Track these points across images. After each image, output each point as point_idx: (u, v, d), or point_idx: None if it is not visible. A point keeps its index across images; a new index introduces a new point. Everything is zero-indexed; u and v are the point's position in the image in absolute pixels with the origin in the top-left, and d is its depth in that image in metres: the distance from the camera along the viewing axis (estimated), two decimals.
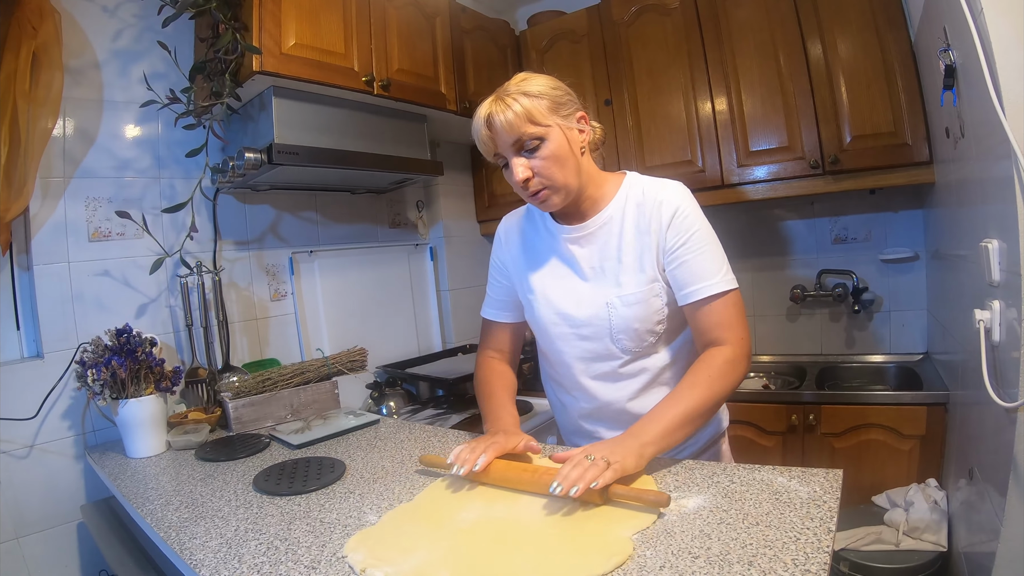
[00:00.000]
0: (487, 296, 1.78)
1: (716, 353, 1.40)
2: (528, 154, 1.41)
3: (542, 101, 1.40)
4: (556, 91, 1.44)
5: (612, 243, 1.51)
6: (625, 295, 1.48)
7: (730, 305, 1.42)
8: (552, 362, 1.66)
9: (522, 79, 1.45)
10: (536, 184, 1.42)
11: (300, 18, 2.20)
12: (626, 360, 1.52)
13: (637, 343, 1.50)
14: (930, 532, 2.12)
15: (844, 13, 2.58)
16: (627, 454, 1.21)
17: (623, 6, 3.13)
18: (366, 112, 2.54)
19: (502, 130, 1.38)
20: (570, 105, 1.46)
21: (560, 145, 1.41)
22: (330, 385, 2.27)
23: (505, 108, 1.38)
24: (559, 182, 1.42)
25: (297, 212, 2.82)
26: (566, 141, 1.43)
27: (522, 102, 1.38)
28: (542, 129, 1.39)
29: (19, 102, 1.85)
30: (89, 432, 2.09)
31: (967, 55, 1.52)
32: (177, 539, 1.24)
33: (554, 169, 1.41)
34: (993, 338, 1.46)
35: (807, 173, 2.71)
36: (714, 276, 1.42)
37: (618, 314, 1.48)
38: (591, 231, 1.53)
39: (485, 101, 1.43)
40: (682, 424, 1.31)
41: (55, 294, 2.06)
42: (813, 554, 0.90)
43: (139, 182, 2.27)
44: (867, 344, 3.09)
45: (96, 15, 2.17)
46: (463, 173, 3.68)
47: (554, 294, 1.58)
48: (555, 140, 1.40)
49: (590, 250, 1.54)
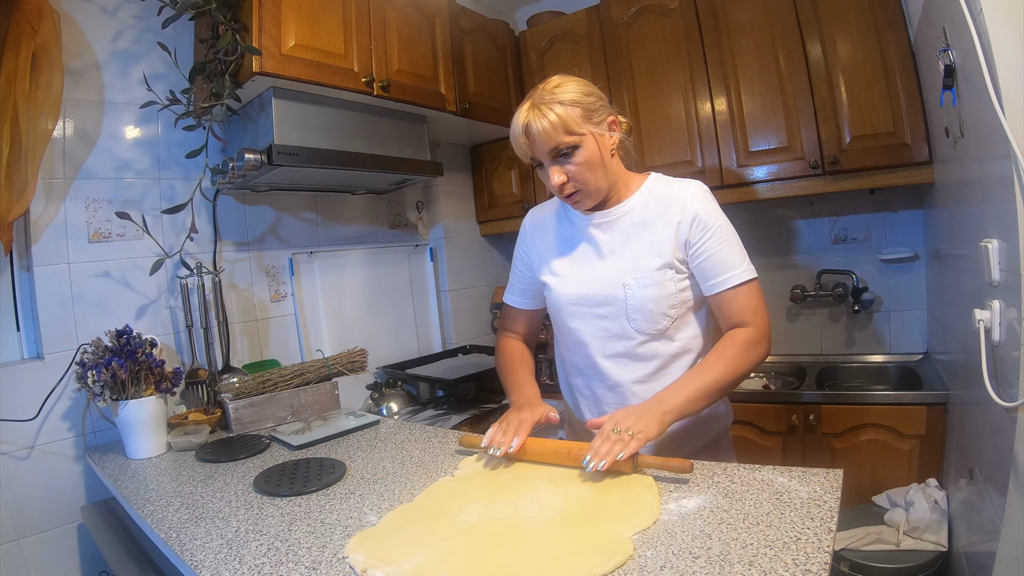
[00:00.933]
0: (510, 283, 1.90)
1: (740, 333, 1.52)
2: (563, 160, 1.51)
3: (576, 110, 1.48)
4: (589, 98, 1.52)
5: (633, 230, 1.61)
6: (641, 277, 1.56)
7: (753, 292, 1.55)
8: (570, 343, 1.73)
9: (556, 85, 1.52)
10: (570, 188, 1.53)
11: (300, 19, 2.20)
12: (641, 341, 1.60)
13: (651, 324, 1.58)
14: (930, 532, 2.12)
15: (843, 13, 2.58)
16: (650, 422, 1.33)
17: (622, 7, 3.12)
18: (366, 113, 2.54)
19: (539, 138, 1.48)
20: (602, 111, 1.54)
21: (592, 152, 1.51)
22: (330, 386, 2.27)
23: (541, 117, 1.46)
24: (591, 186, 1.54)
25: (297, 213, 2.82)
26: (598, 148, 1.52)
27: (557, 111, 1.46)
28: (576, 138, 1.48)
29: (19, 103, 1.85)
30: (89, 433, 2.09)
31: (966, 55, 1.52)
32: (178, 540, 1.24)
33: (587, 174, 1.51)
34: (993, 338, 1.46)
35: (807, 173, 2.70)
36: (738, 267, 1.54)
37: (634, 294, 1.56)
38: (613, 218, 1.63)
39: (522, 108, 1.52)
40: (704, 395, 1.44)
41: (55, 295, 2.06)
42: (814, 554, 0.90)
43: (139, 183, 2.28)
44: (867, 344, 3.09)
45: (96, 16, 2.18)
46: (463, 174, 3.68)
47: (575, 274, 1.67)
48: (588, 147, 1.50)
49: (611, 235, 1.63)
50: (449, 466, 1.53)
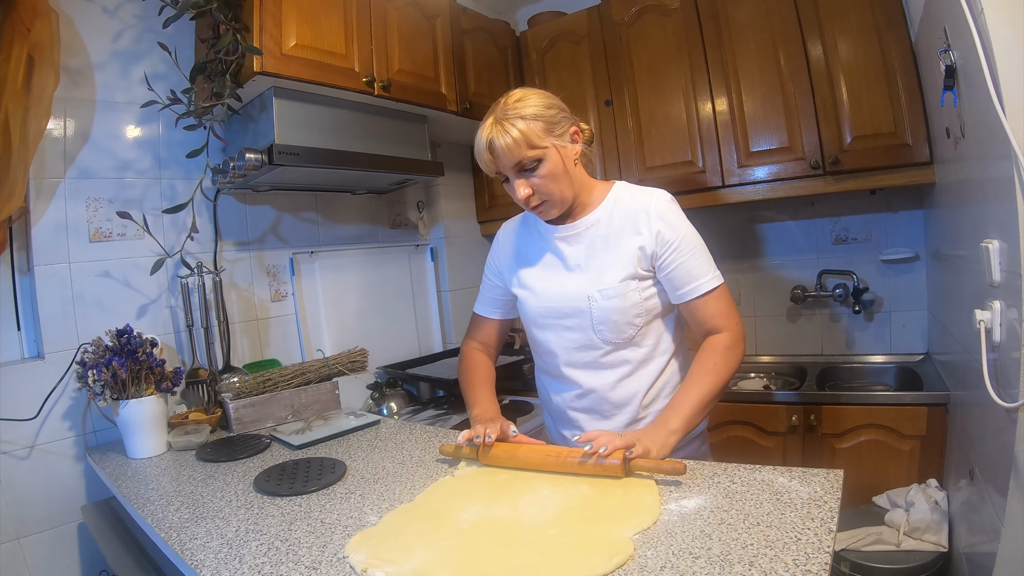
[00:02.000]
0: (480, 294, 1.93)
1: (717, 340, 1.57)
2: (528, 173, 1.53)
3: (537, 123, 1.50)
4: (550, 111, 1.54)
5: (597, 243, 1.64)
6: (604, 289, 1.59)
7: (722, 297, 1.59)
8: (540, 352, 1.78)
9: (517, 99, 1.54)
10: (536, 200, 1.57)
11: (301, 19, 2.20)
12: (607, 350, 1.64)
13: (616, 334, 1.61)
14: (931, 532, 2.12)
15: (844, 13, 2.58)
16: (652, 442, 1.37)
17: (623, 7, 3.12)
18: (366, 113, 2.54)
19: (503, 154, 1.50)
20: (564, 123, 1.56)
21: (556, 164, 1.53)
22: (331, 386, 2.28)
23: (504, 133, 1.48)
24: (556, 196, 1.57)
25: (298, 213, 2.82)
26: (561, 159, 1.54)
27: (519, 126, 1.48)
28: (539, 151, 1.51)
29: (9, 103, 1.84)
30: (90, 433, 2.09)
31: (967, 55, 1.52)
32: (178, 540, 1.24)
33: (551, 186, 1.54)
34: (994, 338, 1.46)
35: (807, 173, 2.70)
36: (705, 275, 1.57)
37: (598, 306, 1.60)
38: (579, 231, 1.66)
39: (486, 123, 1.54)
40: (700, 410, 1.49)
41: (56, 295, 2.06)
42: (814, 554, 0.90)
43: (140, 183, 2.28)
44: (867, 344, 3.09)
45: (96, 16, 2.18)
46: (464, 174, 3.68)
47: (542, 287, 1.71)
48: (551, 160, 1.53)
49: (576, 248, 1.66)
50: (449, 466, 1.53)
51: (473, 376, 1.84)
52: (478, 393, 1.78)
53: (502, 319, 1.91)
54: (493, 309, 1.90)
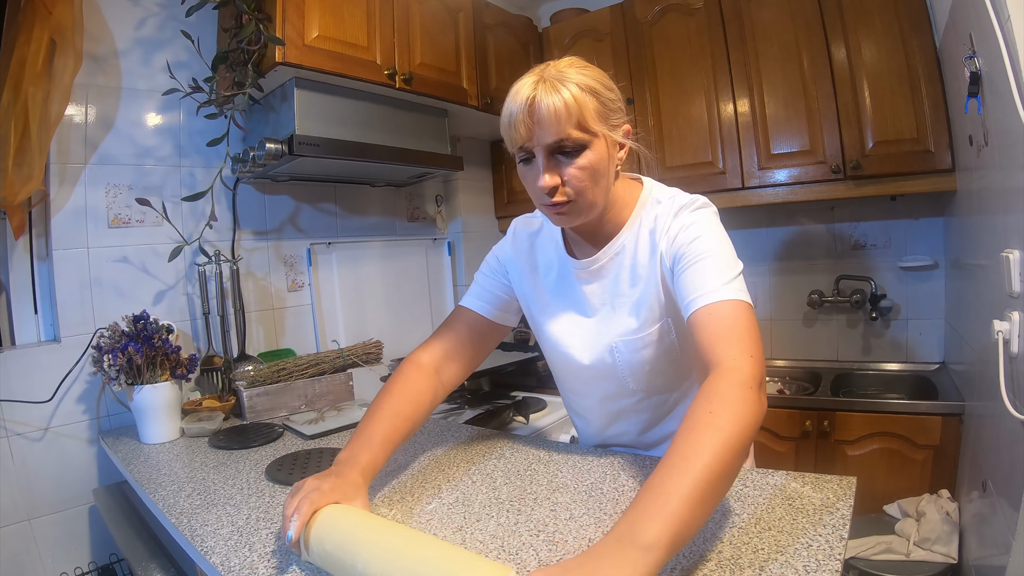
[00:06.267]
0: (472, 285, 1.57)
1: (713, 383, 0.99)
2: (563, 157, 1.17)
3: (592, 100, 1.16)
4: (610, 92, 1.21)
5: (623, 276, 1.32)
6: (630, 339, 1.30)
7: (730, 316, 1.07)
8: (566, 389, 1.54)
9: (570, 63, 1.19)
10: (562, 195, 1.19)
11: (323, 10, 2.20)
12: (642, 397, 1.39)
13: (650, 382, 1.35)
14: (941, 543, 2.10)
15: (869, 17, 2.56)
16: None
17: (647, 5, 3.11)
18: (387, 105, 2.54)
19: (547, 119, 1.13)
20: (620, 115, 1.24)
21: (600, 158, 1.18)
22: (345, 377, 2.28)
23: (553, 92, 1.13)
24: (587, 199, 1.20)
25: (316, 203, 2.83)
26: (607, 156, 1.21)
27: (573, 91, 1.13)
28: (587, 136, 1.16)
29: (29, 86, 1.85)
30: (104, 417, 2.11)
31: (992, 63, 1.51)
32: (188, 525, 1.24)
33: (587, 184, 1.18)
34: (1012, 349, 1.44)
35: (828, 177, 2.69)
36: (714, 286, 1.11)
37: (624, 359, 1.33)
38: (601, 263, 1.33)
39: (524, 81, 1.18)
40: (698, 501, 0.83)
41: (73, 279, 2.08)
42: (825, 561, 0.90)
43: (159, 170, 2.29)
44: (883, 352, 3.07)
45: (120, 3, 2.19)
46: (483, 169, 3.69)
47: (561, 334, 1.42)
48: (597, 152, 1.18)
49: (600, 284, 1.35)
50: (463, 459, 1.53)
51: (384, 402, 1.32)
52: (369, 428, 1.26)
53: (492, 320, 1.50)
54: (486, 305, 1.50)
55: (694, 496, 0.82)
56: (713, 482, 0.85)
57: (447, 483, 1.37)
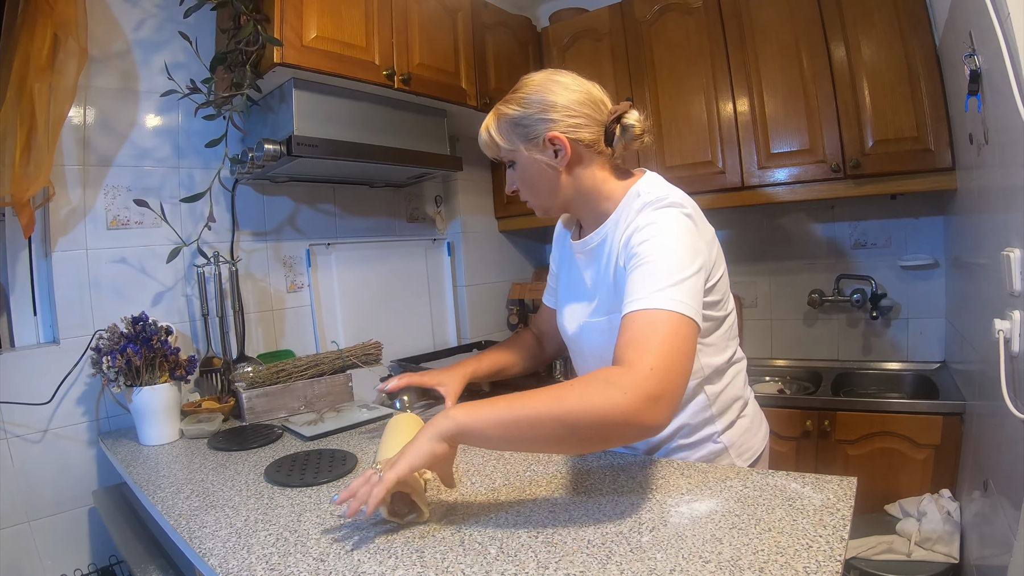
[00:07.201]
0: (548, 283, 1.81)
1: (605, 370, 1.05)
2: (511, 168, 1.44)
3: (506, 123, 1.38)
4: (528, 109, 1.34)
5: (602, 262, 1.39)
6: (592, 322, 1.42)
7: (648, 325, 1.08)
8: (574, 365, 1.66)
9: (516, 87, 1.41)
10: (520, 196, 1.47)
11: (322, 11, 2.20)
12: None
13: None
14: (942, 543, 2.10)
15: (868, 16, 2.56)
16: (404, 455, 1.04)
17: (646, 5, 3.11)
18: (386, 106, 2.54)
19: (484, 147, 1.45)
20: (538, 126, 1.33)
21: (526, 168, 1.39)
22: (344, 378, 2.28)
23: (485, 125, 1.42)
24: (534, 201, 1.45)
25: (315, 204, 2.83)
26: (533, 166, 1.37)
27: (490, 123, 1.41)
28: (510, 153, 1.39)
29: (35, 82, 1.85)
30: (103, 418, 2.11)
31: (992, 61, 1.51)
32: (187, 527, 1.24)
33: (524, 189, 1.43)
34: (1012, 348, 1.44)
35: (828, 176, 2.68)
36: (647, 293, 1.11)
37: (588, 339, 1.46)
38: (591, 246, 1.43)
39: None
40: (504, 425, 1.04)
41: (72, 281, 2.08)
42: (825, 562, 0.89)
43: (158, 171, 2.29)
44: (884, 351, 3.06)
45: (118, 4, 2.19)
46: (482, 169, 3.67)
47: (562, 299, 1.60)
48: (521, 163, 1.39)
49: (587, 263, 1.46)
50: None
51: (501, 344, 1.82)
52: (480, 356, 1.77)
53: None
54: (549, 298, 1.78)
55: (506, 420, 1.04)
56: (522, 427, 1.03)
57: None
